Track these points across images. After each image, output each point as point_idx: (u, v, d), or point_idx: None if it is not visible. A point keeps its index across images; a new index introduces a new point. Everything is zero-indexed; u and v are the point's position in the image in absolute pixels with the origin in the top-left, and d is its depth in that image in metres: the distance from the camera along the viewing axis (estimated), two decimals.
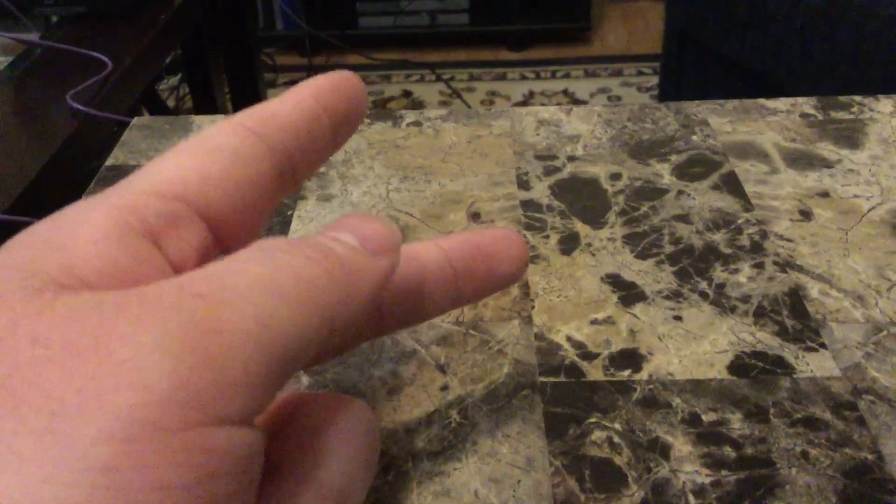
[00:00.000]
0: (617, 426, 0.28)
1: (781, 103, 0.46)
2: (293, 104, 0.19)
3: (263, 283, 0.15)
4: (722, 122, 0.45)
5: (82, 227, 0.15)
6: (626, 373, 0.30)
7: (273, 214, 0.20)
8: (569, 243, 0.37)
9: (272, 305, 0.15)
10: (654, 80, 2.11)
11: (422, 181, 0.42)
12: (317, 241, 0.17)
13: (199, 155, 0.18)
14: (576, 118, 0.46)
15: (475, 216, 0.39)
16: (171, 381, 0.13)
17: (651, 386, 0.30)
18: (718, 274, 0.35)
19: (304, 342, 0.15)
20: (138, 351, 0.13)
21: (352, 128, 0.21)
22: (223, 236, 0.18)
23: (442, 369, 0.31)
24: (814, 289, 0.34)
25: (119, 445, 0.12)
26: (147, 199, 0.17)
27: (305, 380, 0.31)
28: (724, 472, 0.26)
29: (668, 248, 0.36)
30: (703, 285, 0.34)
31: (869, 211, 0.38)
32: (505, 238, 0.23)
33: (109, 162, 0.44)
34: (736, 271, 0.35)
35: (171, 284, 0.14)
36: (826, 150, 0.42)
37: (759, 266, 0.35)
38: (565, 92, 2.12)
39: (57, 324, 0.13)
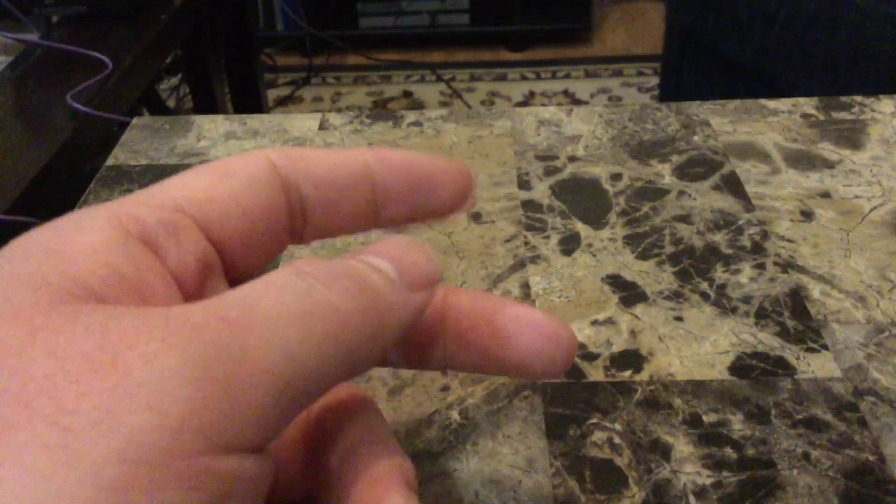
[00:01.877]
0: (618, 427, 0.28)
1: (782, 104, 0.46)
2: (338, 156, 0.19)
3: (295, 315, 0.15)
4: (723, 122, 0.45)
5: (83, 235, 0.15)
6: (627, 373, 0.30)
7: (282, 251, 0.20)
8: (569, 244, 0.37)
9: (300, 339, 0.14)
10: (655, 81, 2.11)
11: None
12: (355, 270, 0.16)
13: (211, 176, 0.18)
14: (576, 118, 0.46)
15: (476, 216, 0.39)
16: (187, 409, 0.13)
17: (652, 387, 0.30)
18: (719, 274, 0.35)
19: (325, 378, 0.15)
20: (158, 374, 0.13)
21: (413, 213, 0.20)
22: (229, 260, 0.18)
23: (442, 370, 0.31)
24: (815, 289, 0.34)
25: (129, 467, 0.12)
26: (147, 209, 0.17)
27: None
28: (725, 473, 0.26)
29: (669, 249, 0.36)
30: (704, 286, 0.34)
31: (870, 211, 0.38)
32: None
33: (109, 162, 0.44)
34: (737, 272, 0.35)
35: (198, 306, 0.14)
36: (827, 150, 0.42)
37: (761, 267, 0.35)
38: (566, 92, 2.12)
39: (76, 338, 0.13)
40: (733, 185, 0.40)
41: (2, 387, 0.13)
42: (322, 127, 0.46)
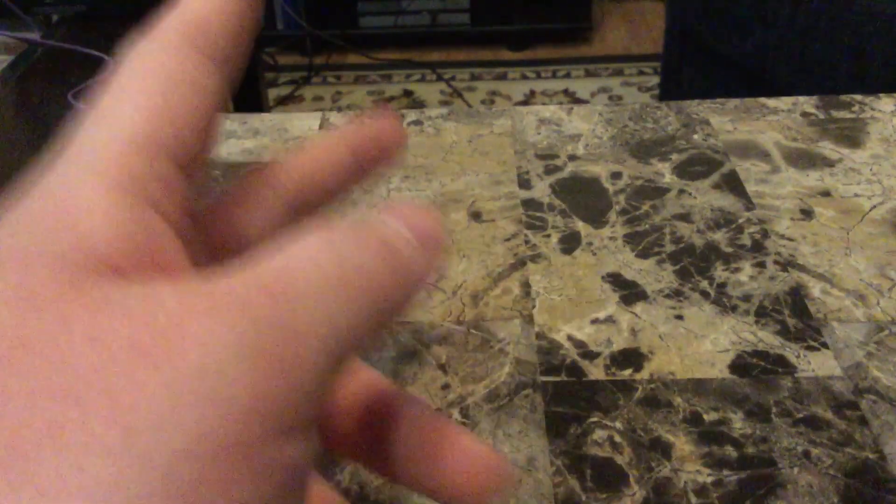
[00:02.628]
0: (618, 425, 0.28)
1: (782, 102, 0.46)
2: (213, 6, 0.18)
3: (334, 283, 0.14)
4: (723, 121, 0.45)
5: (84, 202, 0.14)
6: (628, 372, 0.30)
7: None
8: (570, 242, 0.37)
9: (340, 305, 0.14)
10: (655, 80, 2.10)
11: (422, 180, 0.42)
12: (380, 233, 0.16)
13: (157, 91, 0.16)
14: (577, 117, 0.46)
15: (476, 215, 0.39)
16: (251, 393, 0.12)
17: (652, 385, 0.30)
18: (720, 273, 0.35)
19: (360, 342, 0.15)
20: (215, 357, 0.12)
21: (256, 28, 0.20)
22: (183, 163, 0.17)
23: (443, 368, 0.31)
24: (815, 288, 0.34)
25: (200, 464, 0.11)
26: (135, 161, 0.15)
27: None
28: (725, 472, 0.26)
29: (669, 248, 0.36)
30: (705, 284, 0.34)
31: (870, 210, 0.38)
32: (388, 124, 0.20)
33: None
34: (737, 270, 0.35)
35: (237, 279, 0.13)
36: (827, 149, 0.42)
37: (761, 265, 0.35)
38: (566, 91, 2.12)
39: (117, 323, 0.12)
40: (733, 184, 0.40)
41: (43, 383, 0.11)
42: (323, 126, 0.46)
